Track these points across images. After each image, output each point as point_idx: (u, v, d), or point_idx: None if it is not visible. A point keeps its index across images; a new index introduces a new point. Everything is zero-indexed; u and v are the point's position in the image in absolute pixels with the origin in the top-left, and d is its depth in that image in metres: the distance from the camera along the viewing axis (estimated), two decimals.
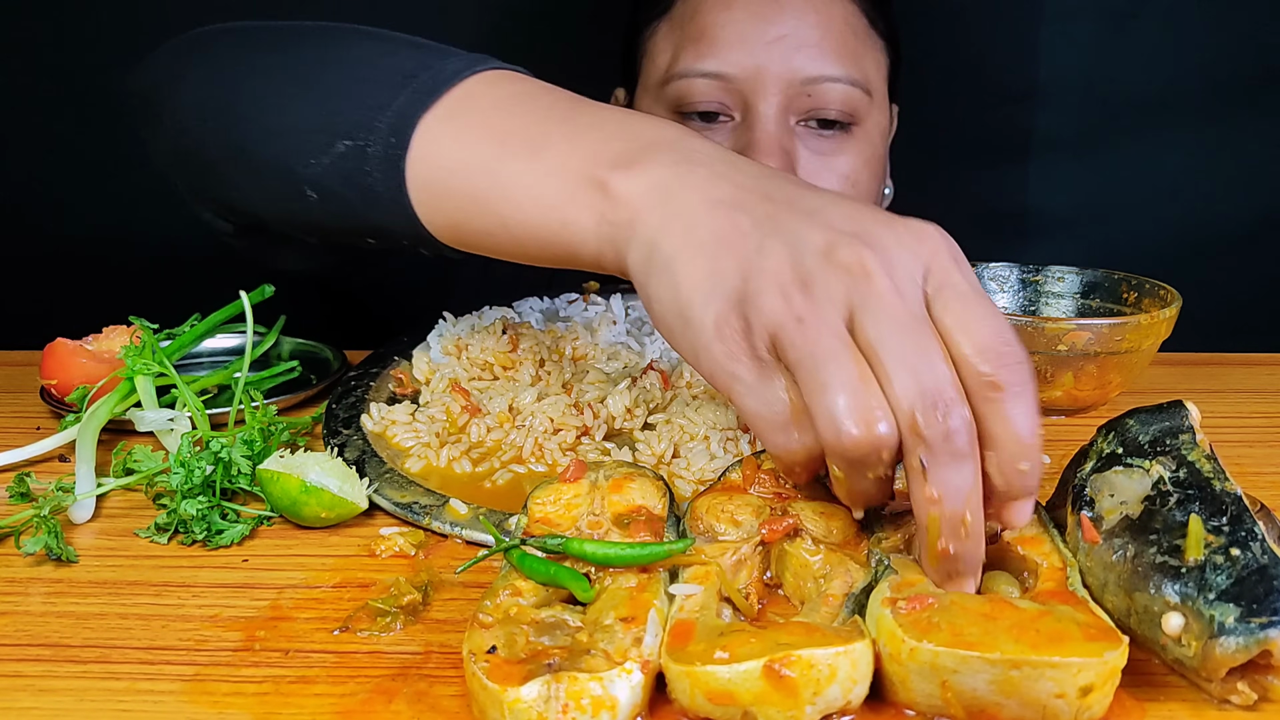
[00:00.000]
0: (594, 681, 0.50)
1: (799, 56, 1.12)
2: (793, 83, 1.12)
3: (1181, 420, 0.61)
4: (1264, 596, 0.51)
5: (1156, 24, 1.49)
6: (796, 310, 0.55)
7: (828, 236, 0.57)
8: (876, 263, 0.56)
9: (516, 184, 0.69)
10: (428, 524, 0.73)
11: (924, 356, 0.54)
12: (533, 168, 0.69)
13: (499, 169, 0.70)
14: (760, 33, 1.12)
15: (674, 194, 0.62)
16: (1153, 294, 0.98)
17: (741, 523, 0.63)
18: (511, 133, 0.71)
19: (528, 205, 0.69)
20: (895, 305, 0.55)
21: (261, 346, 1.04)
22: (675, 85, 1.15)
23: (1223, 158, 1.53)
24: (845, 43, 1.14)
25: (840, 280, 0.56)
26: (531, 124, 0.71)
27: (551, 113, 0.72)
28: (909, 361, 0.54)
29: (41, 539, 0.68)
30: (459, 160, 0.72)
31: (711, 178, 0.63)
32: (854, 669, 0.50)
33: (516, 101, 0.74)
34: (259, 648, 0.59)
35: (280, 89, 0.81)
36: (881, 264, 0.56)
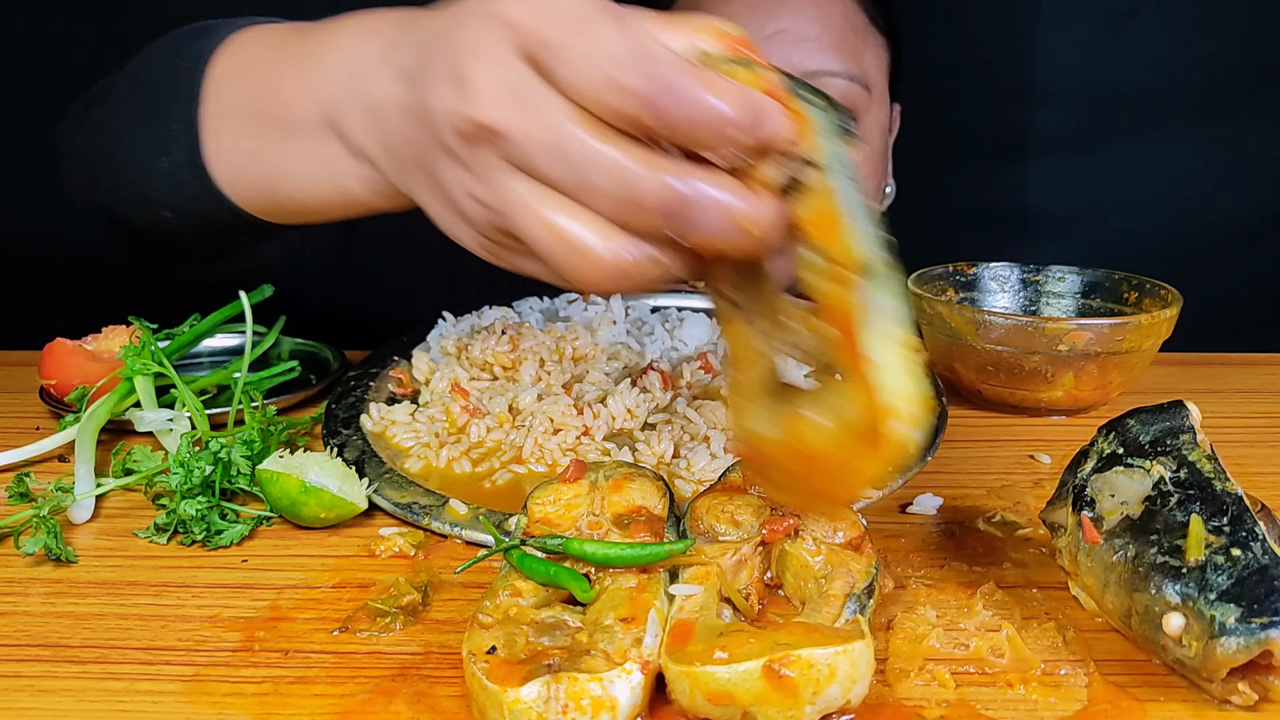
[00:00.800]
0: (594, 682, 0.50)
1: (797, 51, 1.13)
2: None
3: (1182, 420, 0.61)
4: (1265, 597, 0.51)
5: (1155, 23, 1.49)
6: (488, 206, 0.56)
7: (448, 113, 0.55)
8: (487, 109, 0.53)
9: (288, 172, 0.73)
10: (427, 524, 0.72)
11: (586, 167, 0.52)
12: (290, 149, 0.71)
13: (267, 159, 0.74)
14: (759, 27, 1.13)
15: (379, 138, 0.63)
16: (1153, 294, 0.98)
17: (741, 523, 0.63)
18: (260, 114, 0.73)
19: (308, 186, 0.72)
20: (537, 130, 0.53)
21: (261, 346, 1.04)
22: None
23: (1222, 156, 1.53)
24: (844, 38, 1.15)
25: (482, 154, 0.54)
26: (268, 94, 0.73)
27: (281, 71, 0.72)
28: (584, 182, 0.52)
29: (41, 539, 0.68)
30: (236, 156, 0.76)
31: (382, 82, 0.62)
32: (853, 668, 0.50)
33: (252, 69, 0.76)
34: (258, 648, 0.59)
35: (114, 125, 0.86)
36: (490, 107, 0.53)
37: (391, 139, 0.63)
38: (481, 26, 0.55)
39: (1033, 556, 0.69)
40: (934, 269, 1.04)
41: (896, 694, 0.55)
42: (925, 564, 0.68)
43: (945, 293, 1.04)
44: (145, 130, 0.81)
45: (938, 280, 1.04)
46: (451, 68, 0.55)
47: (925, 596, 0.64)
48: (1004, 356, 0.91)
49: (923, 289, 0.99)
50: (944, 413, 0.84)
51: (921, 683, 0.55)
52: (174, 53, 0.82)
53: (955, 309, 0.93)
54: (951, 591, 0.64)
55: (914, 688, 0.55)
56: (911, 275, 1.00)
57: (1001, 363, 0.91)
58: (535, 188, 0.54)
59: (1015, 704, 0.54)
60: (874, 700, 0.53)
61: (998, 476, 0.82)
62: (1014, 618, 0.61)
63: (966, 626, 0.60)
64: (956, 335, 0.93)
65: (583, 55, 0.52)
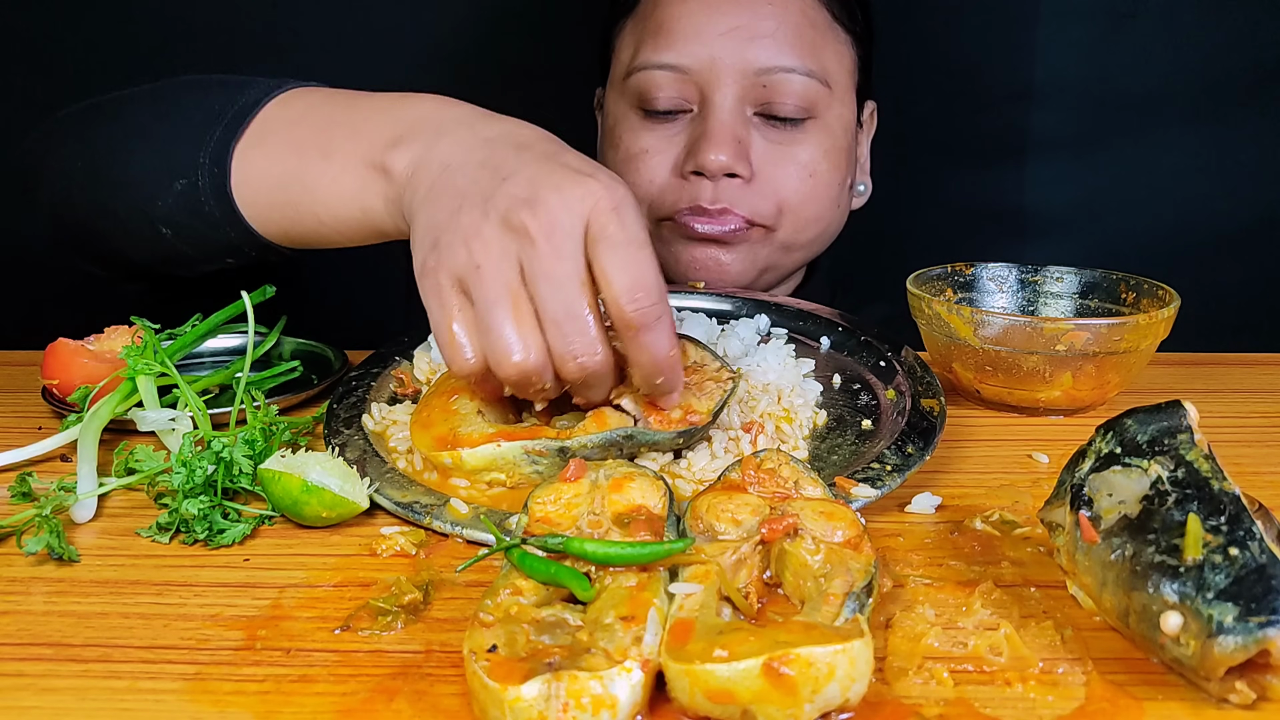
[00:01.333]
0: (594, 680, 0.50)
1: (753, 48, 1.14)
2: (747, 73, 1.14)
3: (1180, 420, 0.61)
4: (1262, 596, 0.51)
5: (1153, 24, 1.49)
6: (475, 260, 0.70)
7: (508, 202, 0.71)
8: (539, 226, 0.69)
9: (319, 186, 0.85)
10: (428, 523, 0.73)
11: (570, 314, 0.70)
12: (328, 169, 0.85)
13: (303, 176, 0.86)
14: (714, 24, 1.15)
15: (426, 164, 0.78)
16: (1151, 294, 0.98)
17: (741, 522, 0.63)
18: (306, 143, 0.87)
19: (333, 202, 0.85)
20: (551, 264, 0.69)
21: (263, 346, 1.05)
22: (635, 79, 1.18)
23: (1220, 157, 1.53)
24: (802, 34, 1.16)
25: (511, 241, 0.70)
26: (320, 131, 0.86)
27: (334, 116, 0.87)
28: (559, 319, 0.70)
29: (43, 538, 0.68)
30: (270, 176, 0.88)
31: (453, 145, 0.78)
32: (852, 667, 0.50)
33: (306, 114, 0.89)
34: (260, 647, 0.59)
35: (125, 146, 0.94)
36: (544, 227, 0.69)
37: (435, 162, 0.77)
38: (574, 183, 0.71)
39: (1031, 555, 0.69)
40: (932, 269, 1.04)
41: (895, 692, 0.55)
42: (924, 563, 0.68)
43: (944, 293, 1.05)
44: (164, 155, 0.91)
45: (936, 280, 1.04)
46: (533, 188, 0.71)
47: (924, 595, 0.64)
48: (1002, 356, 0.91)
49: (921, 289, 0.99)
50: (942, 412, 0.84)
51: (920, 681, 0.55)
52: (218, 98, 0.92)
53: (954, 309, 0.93)
54: (950, 590, 0.65)
55: (913, 686, 0.55)
56: (910, 275, 1.00)
57: (1000, 363, 0.92)
58: (520, 287, 0.70)
59: (1013, 702, 0.54)
60: (873, 698, 0.53)
61: (996, 476, 0.82)
62: (1012, 616, 0.61)
63: (965, 625, 0.60)
64: (955, 335, 0.93)
65: (632, 257, 0.70)
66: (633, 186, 1.18)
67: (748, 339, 0.96)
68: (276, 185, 0.87)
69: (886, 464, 0.77)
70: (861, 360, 0.98)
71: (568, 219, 0.70)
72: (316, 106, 0.89)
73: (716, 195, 1.15)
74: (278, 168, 0.87)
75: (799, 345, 1.00)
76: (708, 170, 1.13)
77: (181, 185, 0.89)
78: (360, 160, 0.82)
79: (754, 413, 0.84)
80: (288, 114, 0.90)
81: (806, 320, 1.05)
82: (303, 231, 0.89)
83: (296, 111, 0.90)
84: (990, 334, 0.91)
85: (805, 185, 1.18)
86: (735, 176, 1.14)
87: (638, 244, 0.70)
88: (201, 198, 0.89)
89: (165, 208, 0.90)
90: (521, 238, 0.70)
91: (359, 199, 0.83)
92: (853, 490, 0.73)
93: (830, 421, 0.88)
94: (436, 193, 0.75)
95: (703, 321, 0.98)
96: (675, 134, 1.18)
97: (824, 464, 0.81)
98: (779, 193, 1.17)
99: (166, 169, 0.90)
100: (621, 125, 1.22)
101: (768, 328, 1.04)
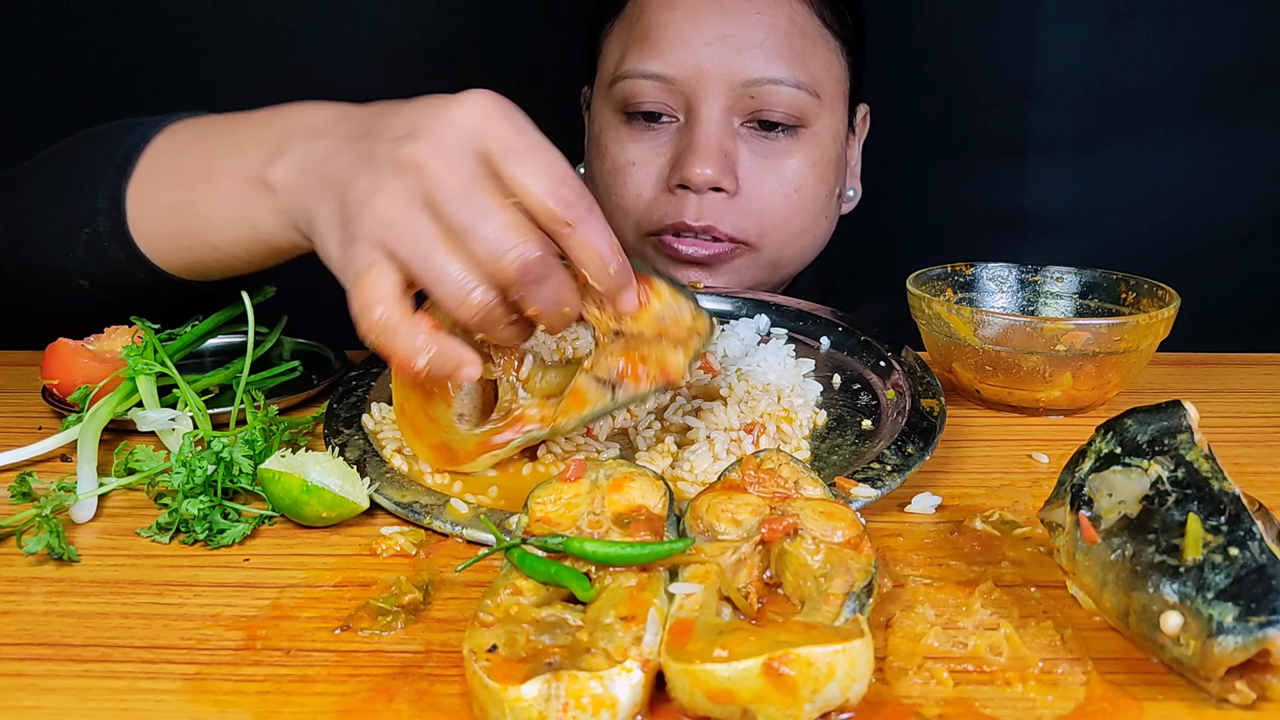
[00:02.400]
0: (594, 680, 0.50)
1: (741, 58, 1.13)
2: (734, 84, 1.13)
3: (1180, 420, 0.61)
4: (1262, 596, 0.51)
5: (1153, 23, 1.49)
6: (387, 217, 0.68)
7: (391, 147, 0.69)
8: (427, 152, 0.67)
9: (208, 211, 0.85)
10: (428, 523, 0.73)
11: (483, 216, 0.66)
12: (213, 192, 0.84)
13: (192, 202, 0.86)
14: (701, 33, 1.13)
15: (308, 168, 0.77)
16: (1151, 294, 0.98)
17: (741, 522, 0.63)
18: (191, 170, 0.87)
19: (224, 226, 0.84)
20: (451, 183, 0.66)
21: (263, 346, 1.05)
22: (620, 86, 1.17)
23: (1220, 156, 1.53)
24: (791, 44, 1.14)
25: (405, 179, 0.67)
26: (203, 156, 0.87)
27: (217, 139, 0.87)
28: (474, 226, 0.66)
29: (43, 538, 0.68)
30: (161, 208, 0.88)
31: (330, 139, 0.76)
32: (852, 667, 0.51)
33: (191, 141, 0.90)
34: (260, 647, 0.59)
35: (31, 210, 0.96)
36: (432, 150, 0.67)
37: (316, 160, 0.76)
38: (453, 103, 0.69)
39: (1031, 555, 0.69)
40: (932, 269, 1.04)
41: (895, 692, 0.55)
42: (924, 563, 0.68)
43: (944, 293, 1.05)
44: (67, 208, 0.92)
45: (936, 280, 1.04)
46: (411, 125, 0.69)
47: (924, 595, 0.64)
48: (1002, 356, 0.91)
49: (921, 289, 0.99)
50: (942, 412, 0.84)
51: (920, 681, 0.55)
52: (107, 141, 0.93)
53: (953, 309, 0.93)
54: (950, 590, 0.65)
55: (912, 686, 0.55)
56: (910, 275, 1.00)
57: (1000, 362, 0.92)
58: (435, 221, 0.67)
59: (1013, 702, 0.54)
60: (873, 698, 0.54)
61: (996, 476, 0.82)
62: (1012, 616, 0.61)
63: (965, 625, 0.60)
64: (955, 335, 0.93)
65: (540, 159, 0.67)
66: (620, 200, 1.19)
67: (748, 339, 0.96)
68: (168, 216, 0.88)
69: (886, 464, 0.77)
70: (861, 360, 0.98)
71: (453, 135, 0.68)
72: (201, 133, 0.90)
73: (700, 211, 1.13)
74: (167, 198, 0.88)
75: (799, 345, 1.00)
76: (693, 184, 1.12)
77: (86, 234, 0.90)
78: (243, 179, 0.81)
79: (754, 413, 0.84)
80: (174, 144, 0.91)
81: (806, 320, 1.05)
82: (203, 260, 0.89)
83: (182, 141, 0.91)
84: (990, 334, 0.91)
85: (790, 201, 1.17)
86: (720, 190, 1.13)
87: (542, 146, 0.68)
88: (105, 242, 0.90)
89: (77, 260, 0.92)
90: (415, 171, 0.67)
91: (247, 217, 0.82)
92: (853, 490, 0.74)
93: (830, 421, 0.88)
94: (327, 184, 0.73)
95: None
96: (661, 144, 1.17)
97: (824, 464, 0.81)
98: (763, 209, 1.16)
99: (72, 221, 0.91)
100: (607, 134, 1.21)
101: (768, 328, 1.04)
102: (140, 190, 0.89)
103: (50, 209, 0.94)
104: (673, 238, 1.15)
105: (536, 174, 0.66)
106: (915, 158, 1.58)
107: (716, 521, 0.64)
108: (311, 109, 0.82)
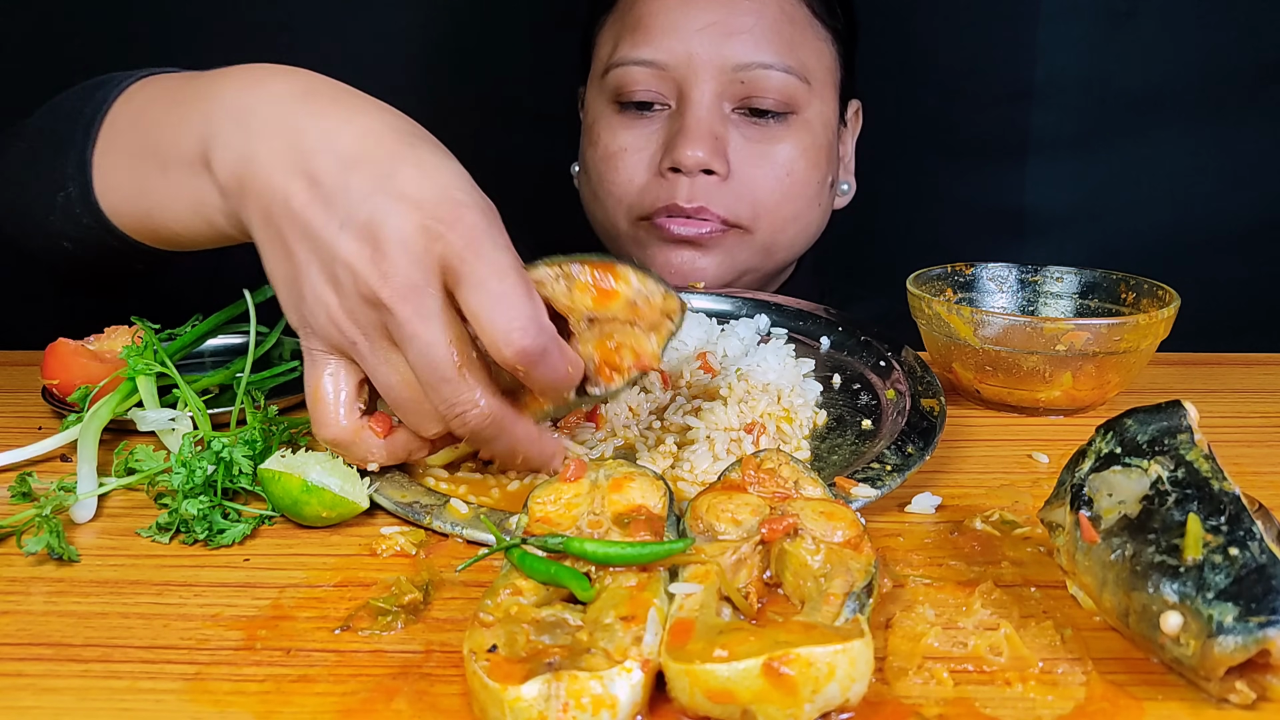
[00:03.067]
0: (594, 680, 0.50)
1: (731, 43, 1.14)
2: (725, 69, 1.14)
3: (1180, 420, 0.61)
4: (1262, 596, 0.51)
5: (1153, 23, 1.49)
6: (349, 337, 0.70)
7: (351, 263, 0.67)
8: (392, 293, 0.66)
9: (163, 202, 0.82)
10: (428, 523, 0.73)
11: (435, 371, 0.68)
12: (165, 183, 0.81)
13: (148, 190, 0.83)
14: (691, 20, 1.15)
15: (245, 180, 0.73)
16: (1151, 294, 0.98)
17: (741, 522, 0.63)
18: (143, 150, 0.83)
19: (181, 215, 0.82)
20: (412, 329, 0.67)
21: (263, 346, 1.04)
22: (613, 74, 1.18)
23: (1220, 156, 1.53)
24: (780, 30, 1.16)
25: (372, 313, 0.68)
26: (152, 132, 0.83)
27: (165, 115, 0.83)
28: (426, 376, 0.68)
29: (43, 538, 0.68)
30: (122, 188, 0.86)
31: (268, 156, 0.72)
32: (852, 667, 0.51)
33: (144, 110, 0.87)
34: (260, 647, 0.59)
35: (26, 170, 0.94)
36: (398, 292, 0.66)
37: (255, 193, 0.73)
38: (414, 218, 0.66)
39: (1031, 555, 0.69)
40: (932, 269, 1.04)
41: (895, 692, 0.55)
42: (924, 563, 0.68)
43: (944, 293, 1.05)
44: (45, 170, 0.90)
45: (936, 280, 1.04)
46: (373, 232, 0.67)
47: (924, 595, 0.64)
48: (1002, 356, 0.91)
49: (921, 289, 0.99)
50: (942, 412, 0.84)
51: (920, 681, 0.55)
52: (78, 99, 0.91)
53: (953, 309, 0.93)
54: (950, 590, 0.65)
55: (912, 686, 0.55)
56: (910, 275, 1.00)
57: (1000, 362, 0.92)
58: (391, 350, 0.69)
59: (1013, 702, 0.54)
60: (873, 698, 0.54)
61: (996, 476, 0.82)
62: (1012, 616, 0.61)
63: (965, 625, 0.60)
64: (955, 335, 0.93)
65: (493, 299, 0.66)
66: (612, 186, 1.20)
67: (748, 339, 0.96)
68: (129, 197, 0.86)
69: (886, 464, 0.77)
70: (861, 360, 0.98)
71: (418, 273, 0.66)
72: (153, 100, 0.87)
73: (693, 193, 1.15)
74: (125, 176, 0.86)
75: (799, 345, 1.00)
76: (684, 167, 1.13)
77: (61, 199, 0.89)
78: (186, 169, 0.79)
79: (754, 413, 0.84)
80: (130, 111, 0.88)
81: (806, 320, 1.05)
82: (168, 240, 0.87)
83: (136, 107, 0.88)
84: (990, 334, 0.91)
85: (782, 184, 1.18)
86: (712, 174, 1.14)
87: (499, 273, 0.66)
88: (77, 209, 0.88)
89: (57, 223, 0.90)
90: (379, 309, 0.67)
91: (199, 212, 0.80)
92: (853, 490, 0.74)
93: (830, 421, 0.88)
94: (270, 233, 0.72)
95: (703, 321, 0.98)
96: (653, 131, 1.18)
97: (824, 464, 0.81)
98: (755, 192, 1.17)
99: (49, 183, 0.90)
100: (600, 123, 1.22)
101: (768, 328, 1.04)
102: (104, 163, 0.87)
103: (31, 171, 0.93)
104: (665, 218, 1.16)
105: (492, 312, 0.66)
106: (915, 157, 1.58)
107: (716, 521, 0.64)
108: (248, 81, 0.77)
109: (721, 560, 0.60)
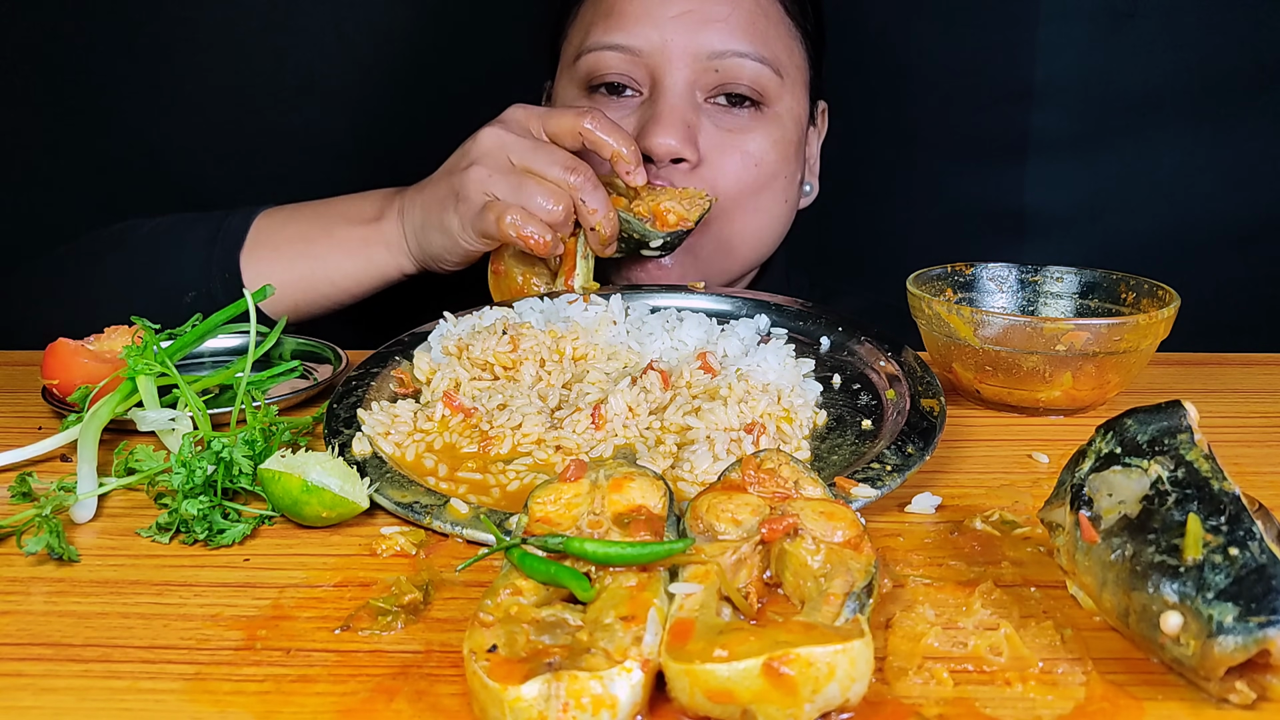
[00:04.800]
0: (594, 680, 0.50)
1: (705, 32, 1.15)
2: (699, 56, 1.15)
3: (1180, 420, 0.61)
4: (1262, 596, 0.51)
5: (1153, 24, 1.49)
6: (484, 179, 1.04)
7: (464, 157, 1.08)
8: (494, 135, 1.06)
9: (329, 256, 1.14)
10: (429, 523, 0.73)
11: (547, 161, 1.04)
12: (332, 243, 1.14)
13: (313, 251, 1.14)
14: (666, 8, 1.16)
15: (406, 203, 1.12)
16: (1151, 294, 0.98)
17: (741, 522, 0.63)
18: (305, 234, 1.15)
19: (344, 262, 1.14)
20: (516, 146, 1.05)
21: (263, 346, 1.04)
22: (585, 59, 1.18)
23: (1220, 157, 1.53)
24: (754, 22, 1.17)
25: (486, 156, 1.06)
26: (312, 223, 1.16)
27: (319, 212, 1.17)
28: (543, 168, 1.04)
29: (43, 538, 0.68)
30: (281, 260, 1.14)
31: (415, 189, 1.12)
32: (852, 667, 0.51)
33: (292, 218, 1.17)
34: (260, 647, 0.59)
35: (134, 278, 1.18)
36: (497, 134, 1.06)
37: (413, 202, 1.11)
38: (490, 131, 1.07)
39: (1031, 555, 0.69)
40: (932, 269, 1.04)
41: (895, 692, 0.55)
42: (924, 563, 0.68)
43: (944, 293, 1.05)
44: (169, 277, 1.14)
45: (936, 280, 1.04)
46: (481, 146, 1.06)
47: (924, 595, 0.64)
48: (1002, 356, 0.91)
49: (921, 289, 0.99)
50: (942, 412, 0.84)
51: (920, 681, 0.56)
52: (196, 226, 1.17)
53: (954, 309, 0.93)
54: (950, 590, 0.65)
55: (912, 686, 0.55)
56: (910, 275, 1.00)
57: (1000, 363, 0.92)
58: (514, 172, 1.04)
59: (1013, 702, 0.54)
60: (873, 698, 0.54)
61: (996, 476, 0.82)
62: (1012, 616, 0.61)
63: (965, 625, 0.60)
64: (955, 335, 0.93)
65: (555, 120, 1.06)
66: None
67: (748, 339, 0.96)
68: (288, 268, 1.13)
69: (886, 464, 0.77)
70: (861, 360, 0.98)
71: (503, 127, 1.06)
72: (297, 212, 1.18)
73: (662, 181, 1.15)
74: (287, 251, 1.14)
75: (799, 345, 1.00)
76: (655, 154, 1.13)
77: (191, 297, 1.12)
78: (359, 226, 1.13)
79: (754, 413, 0.84)
80: (274, 223, 1.16)
81: (806, 320, 1.05)
82: (312, 300, 1.15)
83: (281, 220, 1.17)
84: (990, 334, 0.91)
85: (750, 175, 1.18)
86: (681, 161, 1.14)
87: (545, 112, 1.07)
88: (216, 301, 1.02)
89: (178, 319, 0.98)
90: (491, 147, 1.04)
91: (365, 251, 1.13)
92: (853, 490, 0.74)
93: (830, 421, 0.88)
94: (429, 205, 1.09)
95: (703, 321, 0.98)
96: (624, 117, 1.17)
97: (824, 464, 0.81)
98: (723, 180, 1.16)
99: (174, 288, 1.13)
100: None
101: (768, 328, 1.04)
102: (257, 255, 1.13)
103: (149, 279, 1.16)
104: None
105: (555, 125, 1.04)
106: (916, 157, 1.58)
107: (716, 521, 0.64)
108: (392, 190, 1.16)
109: (721, 560, 0.60)
